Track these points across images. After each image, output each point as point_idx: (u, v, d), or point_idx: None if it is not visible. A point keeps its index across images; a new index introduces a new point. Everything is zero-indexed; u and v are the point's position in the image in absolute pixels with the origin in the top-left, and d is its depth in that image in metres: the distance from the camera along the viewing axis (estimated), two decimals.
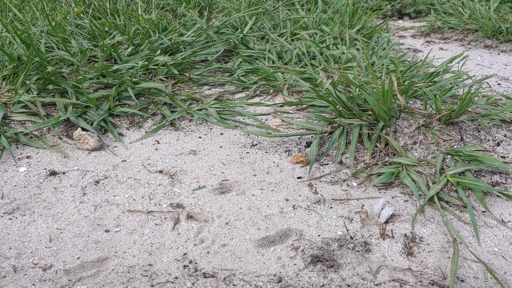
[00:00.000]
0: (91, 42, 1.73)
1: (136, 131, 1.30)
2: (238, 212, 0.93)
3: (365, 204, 0.96)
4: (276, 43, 1.88)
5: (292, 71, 1.64)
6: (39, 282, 0.74)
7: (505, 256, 0.82)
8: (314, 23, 2.11)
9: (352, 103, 1.25)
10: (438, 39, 2.37)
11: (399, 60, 1.77)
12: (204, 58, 1.75)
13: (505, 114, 1.26)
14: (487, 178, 1.04)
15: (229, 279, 0.75)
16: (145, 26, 1.85)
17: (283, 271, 0.77)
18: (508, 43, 2.20)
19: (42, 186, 1.03)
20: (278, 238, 0.85)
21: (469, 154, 1.05)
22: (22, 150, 1.19)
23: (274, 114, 1.35)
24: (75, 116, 1.28)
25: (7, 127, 1.23)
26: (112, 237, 0.86)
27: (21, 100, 1.30)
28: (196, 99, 1.44)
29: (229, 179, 1.06)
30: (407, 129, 1.16)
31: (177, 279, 0.75)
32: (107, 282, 0.74)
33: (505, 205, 0.96)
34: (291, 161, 1.14)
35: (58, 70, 1.43)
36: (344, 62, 1.71)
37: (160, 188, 1.02)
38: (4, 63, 1.48)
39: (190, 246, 0.83)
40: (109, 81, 1.43)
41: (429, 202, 0.96)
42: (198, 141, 1.24)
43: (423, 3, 2.92)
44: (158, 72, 1.55)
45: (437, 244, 0.84)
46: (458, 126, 1.18)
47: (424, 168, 1.04)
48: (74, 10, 2.01)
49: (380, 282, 0.75)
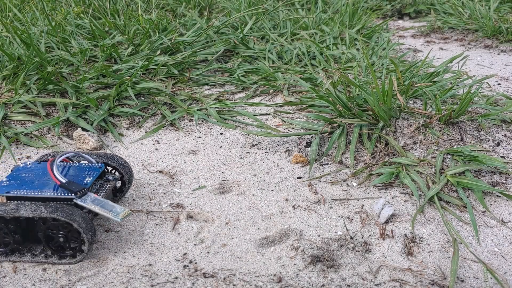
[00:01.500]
0: (91, 42, 1.73)
1: (136, 131, 1.30)
2: (238, 212, 0.93)
3: (365, 204, 0.96)
4: (276, 43, 1.88)
5: (292, 71, 1.64)
6: (39, 282, 0.74)
7: (505, 256, 0.82)
8: (314, 23, 2.11)
9: (352, 103, 1.25)
10: (438, 39, 2.37)
11: (399, 60, 1.77)
12: (204, 58, 1.75)
13: (505, 114, 1.26)
14: (487, 178, 1.04)
15: (229, 279, 0.75)
16: (145, 26, 1.85)
17: (283, 271, 0.77)
18: (508, 43, 2.20)
19: None
20: (278, 238, 0.86)
21: (469, 154, 1.05)
22: (22, 150, 1.19)
23: (274, 114, 1.35)
24: (75, 116, 1.28)
25: (7, 127, 1.24)
26: (112, 237, 0.86)
27: (21, 100, 1.30)
28: (196, 99, 1.44)
29: (229, 179, 1.06)
30: (407, 129, 1.16)
31: (177, 279, 0.75)
32: (107, 282, 0.74)
33: (505, 205, 0.96)
34: (291, 161, 1.14)
35: (58, 70, 1.43)
36: (344, 62, 1.71)
37: (160, 188, 1.02)
38: (4, 63, 1.48)
39: (190, 246, 0.83)
40: (109, 81, 1.43)
41: (429, 202, 0.96)
42: (198, 141, 1.24)
43: (423, 3, 2.92)
44: (158, 72, 1.55)
45: (437, 244, 0.84)
46: (458, 126, 1.18)
47: (424, 168, 1.04)
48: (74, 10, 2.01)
49: (380, 282, 0.75)
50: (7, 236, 0.77)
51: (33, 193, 0.79)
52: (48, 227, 0.76)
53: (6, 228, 0.77)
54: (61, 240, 0.77)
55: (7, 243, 0.78)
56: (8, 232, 0.77)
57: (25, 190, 0.80)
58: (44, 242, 0.77)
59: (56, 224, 0.76)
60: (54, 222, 0.75)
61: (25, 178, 0.84)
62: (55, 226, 0.76)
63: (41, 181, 0.83)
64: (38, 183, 0.82)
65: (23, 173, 0.86)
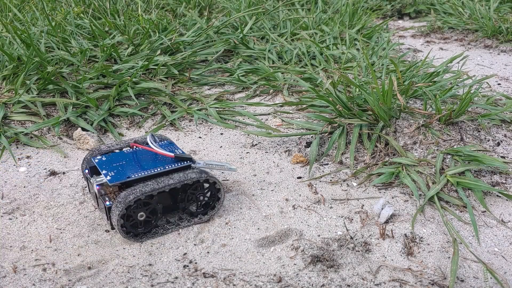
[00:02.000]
0: (91, 42, 1.73)
1: (136, 131, 1.30)
2: (238, 212, 0.93)
3: (365, 204, 0.96)
4: (276, 43, 1.88)
5: (292, 71, 1.64)
6: (39, 282, 0.74)
7: (505, 256, 0.82)
8: (314, 23, 2.11)
9: (352, 103, 1.25)
10: (438, 39, 2.37)
11: (399, 60, 1.77)
12: (204, 58, 1.75)
13: (505, 114, 1.26)
14: (487, 178, 1.04)
15: (229, 279, 0.75)
16: (145, 26, 1.85)
17: (283, 271, 0.77)
18: (508, 43, 2.20)
19: (42, 186, 1.03)
20: (278, 238, 0.86)
21: (469, 154, 1.05)
22: (22, 150, 1.19)
23: (274, 114, 1.35)
24: (75, 116, 1.28)
25: (7, 127, 1.24)
26: (112, 237, 0.86)
27: (21, 100, 1.30)
28: (196, 99, 1.44)
29: (229, 179, 1.06)
30: (407, 129, 1.16)
31: (177, 279, 0.75)
32: (107, 282, 0.74)
33: (505, 205, 0.96)
34: (291, 161, 1.14)
35: (58, 70, 1.43)
36: (344, 62, 1.71)
37: None
38: (4, 63, 1.48)
39: (190, 246, 0.83)
40: (109, 81, 1.43)
41: (429, 202, 0.96)
42: (198, 141, 1.24)
43: (423, 3, 2.92)
44: (158, 72, 1.55)
45: (437, 244, 0.84)
46: (458, 126, 1.18)
47: (424, 168, 1.04)
48: (74, 10, 2.01)
49: (380, 282, 0.75)
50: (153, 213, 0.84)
51: (154, 171, 0.86)
52: (195, 188, 0.86)
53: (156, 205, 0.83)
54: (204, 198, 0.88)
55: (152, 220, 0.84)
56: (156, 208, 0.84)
57: (144, 171, 0.86)
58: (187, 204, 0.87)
59: (196, 187, 0.86)
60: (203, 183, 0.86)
61: (123, 165, 0.89)
62: (201, 187, 0.87)
63: (145, 161, 0.90)
64: (145, 164, 0.89)
65: (113, 163, 0.89)
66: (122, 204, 0.79)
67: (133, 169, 0.86)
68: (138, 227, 0.83)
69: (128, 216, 0.81)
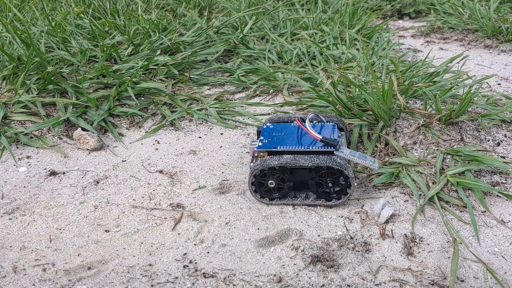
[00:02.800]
0: (91, 42, 1.73)
1: (136, 131, 1.30)
2: (238, 212, 0.93)
3: (365, 204, 0.96)
4: (276, 43, 1.88)
5: (292, 71, 1.64)
6: (39, 282, 0.74)
7: (505, 256, 0.82)
8: (314, 23, 2.11)
9: (352, 103, 1.25)
10: (438, 39, 2.37)
11: (399, 60, 1.77)
12: (204, 58, 1.75)
13: (505, 114, 1.26)
14: (487, 178, 1.04)
15: (229, 279, 0.75)
16: (145, 26, 1.85)
17: (283, 271, 0.77)
18: (508, 43, 2.20)
19: (42, 186, 1.03)
20: (278, 238, 0.86)
21: (469, 154, 1.05)
22: (22, 150, 1.19)
23: (274, 114, 1.35)
24: (75, 116, 1.28)
25: (7, 127, 1.24)
26: (112, 237, 0.86)
27: (21, 100, 1.30)
28: (196, 99, 1.44)
29: (229, 179, 1.06)
30: (407, 129, 1.16)
31: (177, 279, 0.75)
32: (107, 282, 0.74)
33: (505, 205, 0.96)
34: None
35: (58, 70, 1.43)
36: (344, 62, 1.71)
37: (160, 188, 1.02)
38: (4, 63, 1.48)
39: (190, 246, 0.83)
40: (109, 81, 1.43)
41: (429, 202, 0.96)
42: (198, 141, 1.24)
43: (423, 3, 2.92)
44: (158, 72, 1.55)
45: (437, 244, 0.84)
46: (458, 126, 1.18)
47: (424, 168, 1.04)
48: (74, 10, 2.01)
49: (380, 282, 0.75)
50: (282, 183, 0.92)
51: (298, 148, 0.92)
52: (321, 175, 0.90)
53: (284, 176, 0.91)
54: (330, 185, 0.91)
55: (281, 189, 0.93)
56: (284, 180, 0.92)
57: (289, 145, 0.93)
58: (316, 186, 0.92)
59: (327, 173, 0.90)
60: (327, 170, 0.90)
61: (279, 136, 0.97)
62: (326, 174, 0.90)
63: (299, 138, 0.97)
64: (297, 140, 0.96)
65: (274, 132, 1.00)
66: (253, 171, 0.91)
67: (285, 141, 0.95)
68: (272, 192, 0.93)
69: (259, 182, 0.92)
